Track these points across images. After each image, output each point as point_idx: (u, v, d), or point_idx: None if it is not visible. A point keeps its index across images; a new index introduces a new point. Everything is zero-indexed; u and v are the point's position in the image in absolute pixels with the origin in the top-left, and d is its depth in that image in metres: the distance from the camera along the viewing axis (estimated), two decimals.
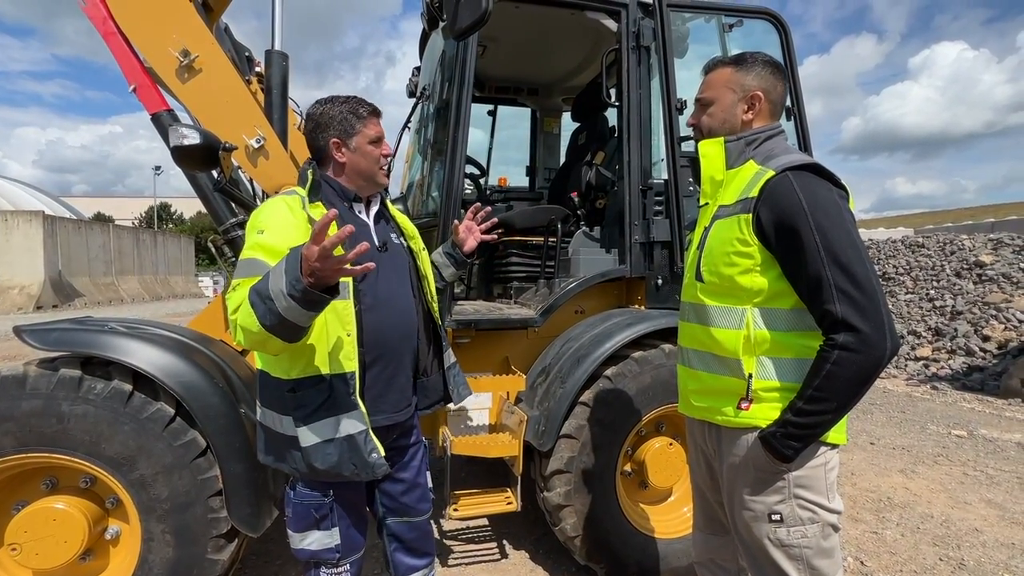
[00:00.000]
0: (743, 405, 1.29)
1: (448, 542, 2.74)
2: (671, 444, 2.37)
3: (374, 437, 1.40)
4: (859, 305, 1.14)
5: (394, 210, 1.71)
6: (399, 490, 1.64)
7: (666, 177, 2.65)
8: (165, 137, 2.08)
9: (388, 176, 1.58)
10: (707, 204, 1.45)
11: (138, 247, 25.61)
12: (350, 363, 1.38)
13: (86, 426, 1.74)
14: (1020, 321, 6.81)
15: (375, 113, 1.53)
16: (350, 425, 1.37)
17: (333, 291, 1.19)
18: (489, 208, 1.83)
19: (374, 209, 1.59)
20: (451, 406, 2.13)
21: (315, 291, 1.14)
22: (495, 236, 1.84)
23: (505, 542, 2.76)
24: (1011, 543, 2.79)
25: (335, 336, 1.36)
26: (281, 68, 2.38)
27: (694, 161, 1.58)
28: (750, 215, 1.25)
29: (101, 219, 33.13)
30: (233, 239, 2.43)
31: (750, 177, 1.30)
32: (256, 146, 2.20)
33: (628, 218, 2.63)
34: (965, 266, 8.43)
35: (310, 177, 1.45)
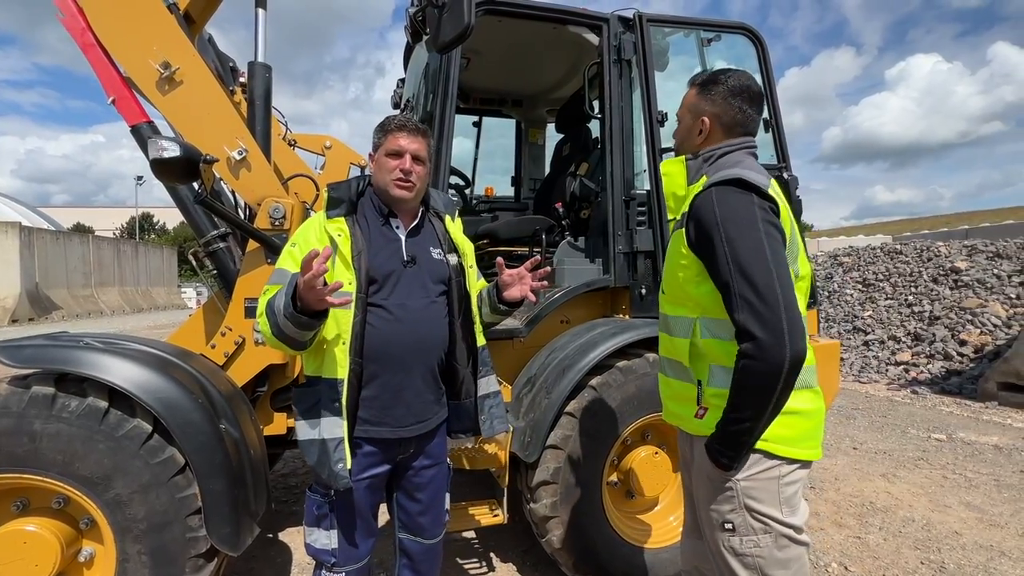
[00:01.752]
0: (699, 413, 1.33)
1: None
2: (656, 453, 2.38)
3: (347, 448, 1.44)
4: (758, 313, 1.15)
5: (453, 227, 1.69)
6: (416, 509, 1.67)
7: (648, 188, 2.69)
8: (145, 149, 2.06)
9: (411, 190, 1.53)
10: (673, 219, 1.55)
11: (119, 258, 25.12)
12: (341, 370, 1.44)
13: (59, 445, 1.69)
14: (995, 326, 6.99)
15: (402, 128, 1.54)
16: (328, 430, 1.44)
17: (321, 316, 1.34)
18: (547, 270, 1.65)
19: (413, 224, 1.60)
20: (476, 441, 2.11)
21: (302, 315, 1.30)
22: (545, 284, 1.69)
23: (492, 555, 2.73)
24: (989, 545, 2.84)
25: (332, 343, 1.45)
26: (264, 80, 2.38)
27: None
28: (683, 229, 1.34)
29: (81, 230, 32.48)
30: (215, 251, 2.40)
31: (695, 192, 1.37)
32: (238, 158, 2.18)
33: (612, 228, 2.66)
34: (941, 272, 8.64)
35: (326, 195, 1.54)
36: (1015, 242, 8.76)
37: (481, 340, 1.69)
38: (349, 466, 1.44)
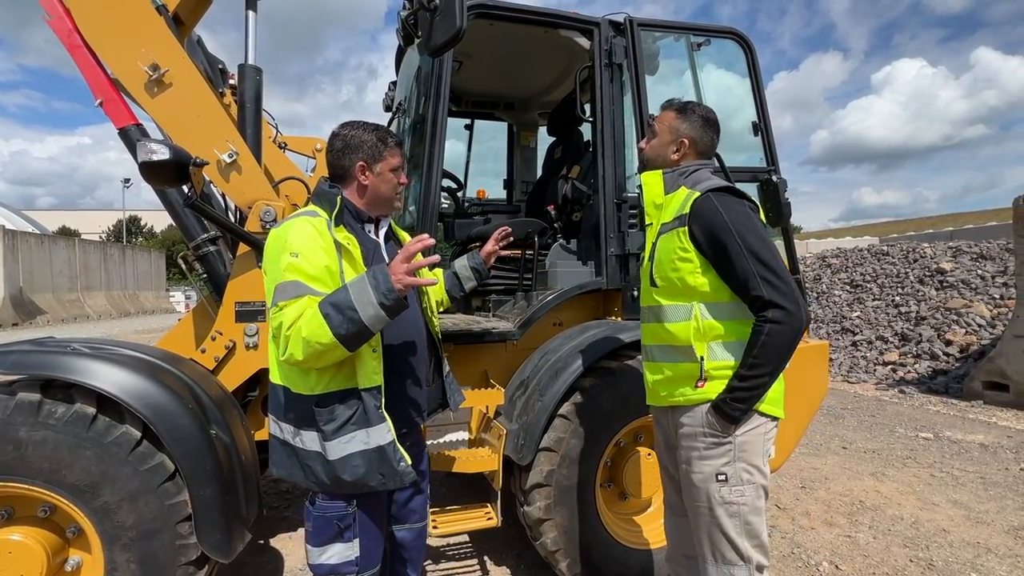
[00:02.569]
0: (699, 384, 1.54)
1: (429, 560, 2.69)
2: (649, 454, 2.39)
3: (400, 447, 1.46)
4: (779, 289, 1.43)
5: (397, 228, 1.81)
6: (405, 496, 1.72)
7: (639, 191, 2.70)
8: (133, 152, 2.03)
9: (402, 203, 1.71)
10: (651, 224, 1.72)
11: (105, 262, 24.77)
12: (377, 377, 1.44)
13: (45, 452, 1.66)
14: (979, 326, 7.11)
15: (399, 144, 1.63)
16: (379, 436, 1.42)
17: (405, 302, 1.36)
18: (508, 228, 2.05)
19: (383, 230, 1.67)
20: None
21: (403, 300, 1.32)
22: (518, 252, 2.06)
23: (486, 558, 2.73)
24: (976, 542, 2.89)
25: (364, 353, 1.42)
26: (255, 82, 2.36)
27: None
28: (685, 228, 1.54)
29: (66, 233, 31.99)
30: (204, 255, 2.38)
31: (683, 198, 1.59)
32: (228, 161, 2.17)
33: (604, 231, 2.67)
34: (927, 273, 8.78)
35: (338, 203, 1.51)
36: (998, 243, 8.93)
37: (436, 328, 1.81)
38: (410, 462, 1.45)
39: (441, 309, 2.01)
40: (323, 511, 1.48)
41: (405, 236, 1.82)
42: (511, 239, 2.07)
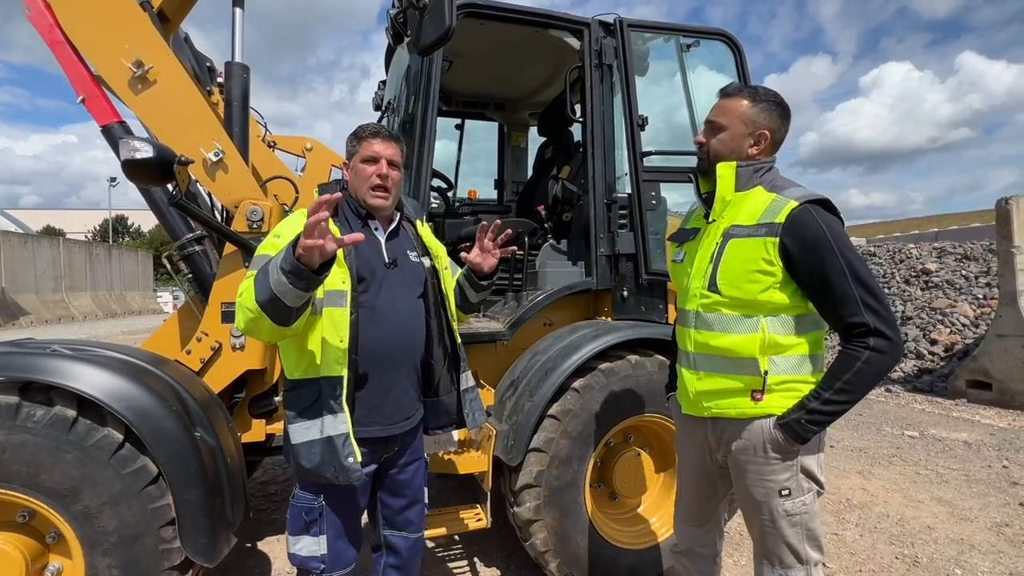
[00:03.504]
0: (757, 397, 1.46)
1: None
2: (639, 455, 2.39)
3: (354, 442, 1.44)
4: (883, 317, 1.37)
5: (424, 230, 1.76)
6: (401, 505, 1.70)
7: (629, 191, 2.71)
8: (116, 150, 2.00)
9: (387, 197, 1.57)
10: (715, 221, 1.56)
11: (91, 262, 24.38)
12: (340, 368, 1.43)
13: (24, 456, 1.63)
14: (963, 325, 7.22)
15: (376, 135, 1.57)
16: (332, 427, 1.42)
17: (322, 269, 1.26)
18: (499, 221, 1.76)
19: (390, 227, 1.65)
20: (462, 432, 2.14)
21: (301, 265, 1.21)
22: (513, 249, 1.84)
23: (476, 559, 2.72)
24: (960, 539, 2.93)
25: (330, 342, 1.43)
26: (242, 80, 2.34)
27: (696, 172, 1.67)
28: (776, 239, 1.41)
29: (50, 232, 31.47)
30: (190, 255, 2.35)
31: (766, 203, 1.46)
32: (214, 159, 2.14)
33: (594, 231, 2.67)
34: (913, 273, 8.90)
35: (316, 194, 1.53)
36: (981, 244, 9.08)
37: (457, 338, 1.74)
38: (359, 459, 1.43)
39: (464, 322, 1.94)
40: (297, 501, 1.52)
41: (431, 239, 1.76)
42: (508, 234, 1.79)
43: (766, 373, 1.44)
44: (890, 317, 1.38)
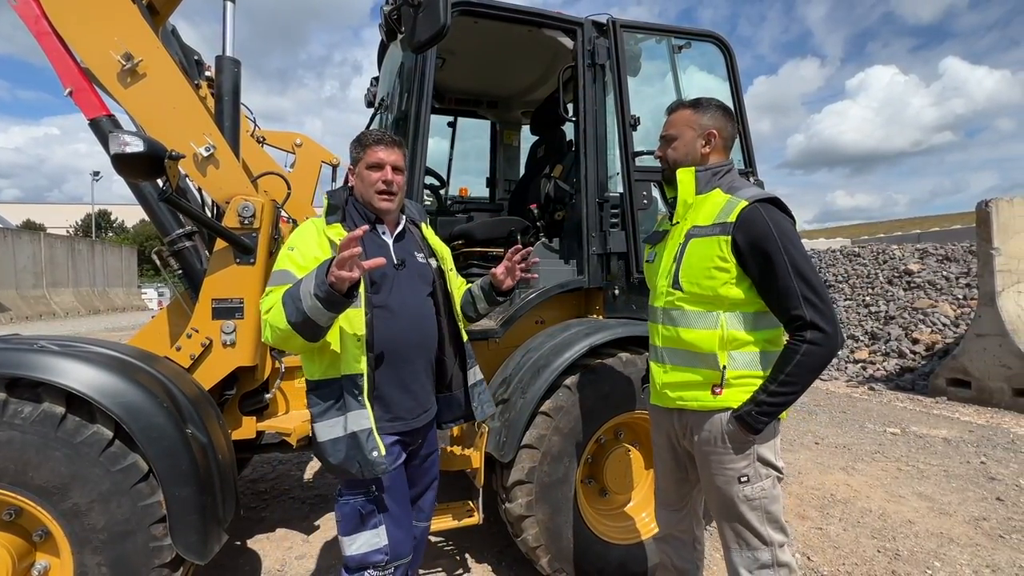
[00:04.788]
0: (716, 391, 1.55)
1: None
2: (629, 451, 2.42)
3: (377, 436, 1.48)
4: (820, 310, 1.45)
5: (428, 233, 1.84)
6: (417, 493, 1.77)
7: (621, 190, 2.73)
8: (105, 144, 1.97)
9: (393, 200, 1.65)
10: (678, 223, 1.66)
11: (73, 257, 23.92)
12: (359, 365, 1.49)
13: (11, 454, 1.61)
14: (944, 325, 7.38)
15: (380, 141, 1.63)
16: (355, 423, 1.46)
17: (350, 295, 1.35)
18: (531, 248, 1.85)
19: (397, 230, 1.71)
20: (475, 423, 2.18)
21: (335, 292, 1.31)
22: (535, 276, 1.93)
23: (467, 555, 2.73)
24: (940, 532, 3.01)
25: (347, 341, 1.49)
26: (233, 75, 2.31)
27: (662, 181, 1.79)
28: (729, 237, 1.50)
29: (31, 227, 30.80)
30: (180, 251, 2.32)
31: (722, 204, 1.55)
32: (205, 154, 2.12)
33: (586, 230, 2.69)
34: (896, 274, 9.07)
35: (326, 201, 1.61)
36: (962, 246, 9.28)
37: (465, 335, 1.81)
38: (384, 453, 1.47)
39: (466, 326, 1.95)
40: (347, 501, 1.54)
41: (436, 241, 1.83)
42: (534, 262, 1.88)
43: (724, 368, 1.52)
44: (827, 311, 1.45)
